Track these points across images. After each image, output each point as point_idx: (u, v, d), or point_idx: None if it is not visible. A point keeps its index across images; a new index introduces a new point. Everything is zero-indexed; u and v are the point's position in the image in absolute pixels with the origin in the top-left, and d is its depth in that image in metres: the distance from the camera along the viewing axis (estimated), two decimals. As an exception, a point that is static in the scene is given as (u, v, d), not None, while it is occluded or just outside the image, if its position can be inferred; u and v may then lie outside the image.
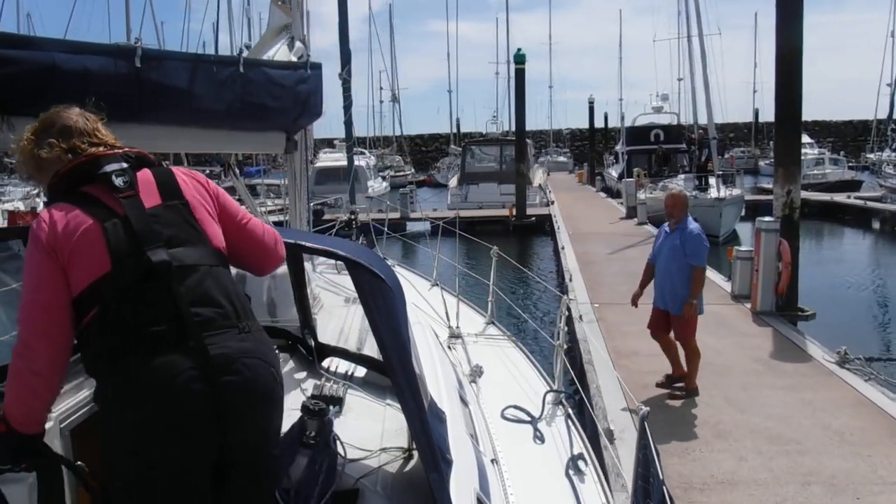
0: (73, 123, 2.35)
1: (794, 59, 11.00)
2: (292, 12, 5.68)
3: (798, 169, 11.58)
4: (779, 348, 9.19)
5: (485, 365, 5.34)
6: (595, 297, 12.36)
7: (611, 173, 42.27)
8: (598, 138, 58.84)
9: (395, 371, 2.48)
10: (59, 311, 2.12)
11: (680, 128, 36.69)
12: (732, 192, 23.41)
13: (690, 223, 7.35)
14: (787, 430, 6.60)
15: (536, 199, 32.52)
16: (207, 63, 4.00)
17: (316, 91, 5.11)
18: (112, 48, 3.53)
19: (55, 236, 2.13)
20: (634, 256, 16.45)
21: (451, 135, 74.12)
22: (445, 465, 2.53)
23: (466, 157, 36.82)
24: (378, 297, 2.56)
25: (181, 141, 4.31)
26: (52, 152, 2.28)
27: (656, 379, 7.86)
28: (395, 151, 68.47)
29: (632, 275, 13.94)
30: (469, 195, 33.19)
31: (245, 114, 4.30)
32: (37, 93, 3.02)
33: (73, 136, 2.32)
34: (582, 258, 16.60)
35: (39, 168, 2.31)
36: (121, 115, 3.41)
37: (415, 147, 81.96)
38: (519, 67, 29.02)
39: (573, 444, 4.31)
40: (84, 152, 2.30)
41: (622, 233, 21.24)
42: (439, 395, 3.09)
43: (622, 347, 9.25)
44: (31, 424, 2.20)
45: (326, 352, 3.94)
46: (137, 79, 3.49)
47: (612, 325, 10.44)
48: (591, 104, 52.25)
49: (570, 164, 66.89)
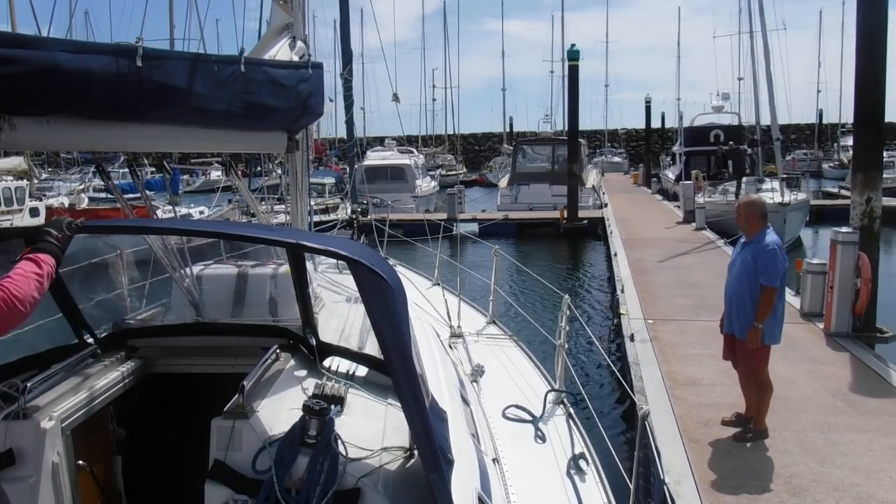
0: None
1: (876, 42, 9.80)
2: (294, 12, 5.70)
3: (879, 174, 10.22)
4: (859, 378, 7.96)
5: (486, 364, 5.39)
6: (648, 311, 11.20)
7: (667, 175, 40.48)
8: (654, 139, 57.20)
9: (397, 370, 2.50)
10: None
11: (741, 128, 35.04)
12: (797, 196, 22.02)
13: (768, 235, 6.22)
14: (879, 488, 5.49)
15: (589, 201, 31.33)
16: (208, 62, 4.00)
17: (317, 90, 5.10)
18: (113, 48, 3.50)
19: None
20: (691, 265, 15.47)
21: (503, 133, 73.05)
22: (447, 465, 2.57)
23: (518, 156, 35.32)
24: (379, 296, 2.57)
25: (182, 140, 4.36)
26: None
27: (716, 414, 6.81)
28: (447, 150, 67.87)
29: (688, 286, 13.12)
30: (519, 196, 31.83)
31: (246, 113, 4.29)
32: (38, 92, 3.06)
33: None
34: (635, 266, 15.24)
35: None
36: (122, 114, 3.55)
37: (468, 146, 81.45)
38: (572, 64, 27.87)
39: (574, 444, 4.34)
40: None
41: (678, 238, 19.82)
42: (440, 395, 3.13)
43: (679, 374, 8.10)
44: None
45: (328, 351, 3.93)
46: (139, 78, 3.48)
47: (668, 345, 9.27)
48: (647, 103, 50.35)
49: (625, 165, 64.78)
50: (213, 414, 2.90)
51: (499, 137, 74.24)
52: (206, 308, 4.55)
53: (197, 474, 2.87)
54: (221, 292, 4.68)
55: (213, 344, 3.94)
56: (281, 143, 5.16)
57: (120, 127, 3.62)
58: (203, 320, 4.41)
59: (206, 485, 2.74)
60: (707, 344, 9.01)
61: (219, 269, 4.96)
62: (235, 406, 2.90)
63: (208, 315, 4.49)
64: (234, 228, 4.22)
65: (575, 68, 27.64)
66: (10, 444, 2.80)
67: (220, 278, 4.80)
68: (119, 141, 3.88)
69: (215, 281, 4.77)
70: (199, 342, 3.95)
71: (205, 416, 2.92)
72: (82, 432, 3.16)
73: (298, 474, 2.65)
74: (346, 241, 3.69)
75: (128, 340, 3.89)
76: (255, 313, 4.54)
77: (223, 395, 2.99)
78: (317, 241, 2.81)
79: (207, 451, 2.83)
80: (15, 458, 2.79)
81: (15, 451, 2.80)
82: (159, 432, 3.82)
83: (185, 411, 3.57)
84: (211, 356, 3.88)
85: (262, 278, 4.74)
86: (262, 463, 2.71)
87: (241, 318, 4.50)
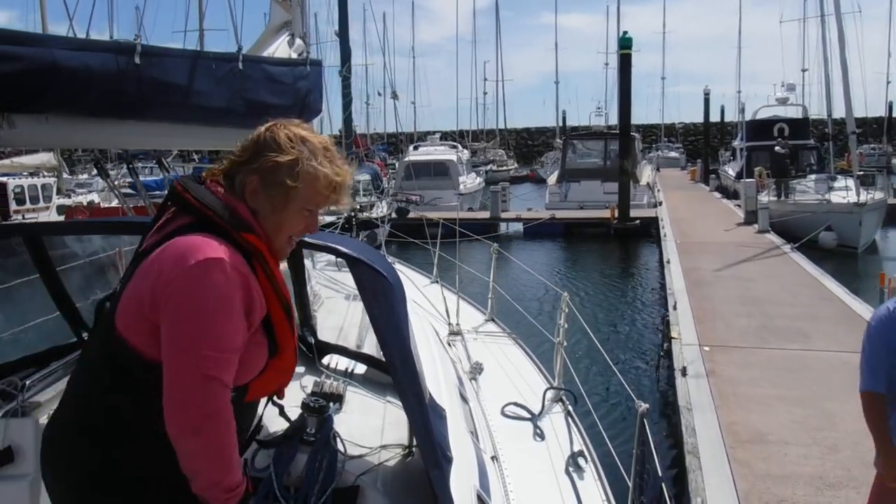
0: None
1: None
2: (292, 9, 5.66)
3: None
4: None
5: (485, 362, 5.35)
6: (705, 334, 9.53)
7: (727, 171, 38.14)
8: (713, 133, 54.26)
9: (396, 368, 2.49)
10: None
11: (808, 122, 32.65)
12: (874, 195, 20.01)
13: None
14: None
15: (644, 199, 29.06)
16: (206, 59, 4.01)
17: (316, 88, 5.10)
18: (112, 45, 3.56)
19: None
20: (753, 275, 13.70)
21: (556, 128, 71.17)
22: (446, 463, 2.54)
23: (568, 151, 32.99)
24: (379, 293, 2.58)
25: (180, 138, 4.44)
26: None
27: (794, 491, 5.14)
28: (498, 145, 66.45)
29: (751, 302, 11.26)
30: (569, 194, 29.78)
31: (244, 110, 4.27)
32: (38, 90, 3.08)
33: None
34: (690, 275, 13.62)
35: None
36: (121, 112, 3.55)
37: (521, 141, 79.74)
38: (624, 53, 25.49)
39: (573, 441, 4.32)
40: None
41: (739, 242, 17.83)
42: (439, 392, 3.10)
43: (741, 425, 6.39)
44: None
45: (326, 349, 3.96)
46: (137, 75, 3.49)
47: (727, 382, 7.60)
48: (706, 95, 47.25)
49: (682, 161, 61.48)
50: None
51: (553, 132, 72.37)
52: None
53: None
54: None
55: None
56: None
57: (118, 124, 3.62)
58: None
59: None
60: (774, 381, 7.61)
61: None
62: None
63: None
64: None
65: (627, 57, 25.46)
66: (8, 442, 2.86)
67: None
68: (117, 138, 3.86)
69: None
70: None
71: None
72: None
73: (297, 472, 2.65)
74: (345, 238, 3.58)
75: None
76: None
77: None
78: (316, 238, 2.77)
79: None
80: (14, 456, 2.84)
81: (14, 449, 2.85)
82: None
83: None
84: None
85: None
86: (261, 461, 2.69)
87: None
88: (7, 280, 6.53)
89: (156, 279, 1.87)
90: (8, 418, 2.91)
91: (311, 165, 2.03)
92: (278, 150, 2.02)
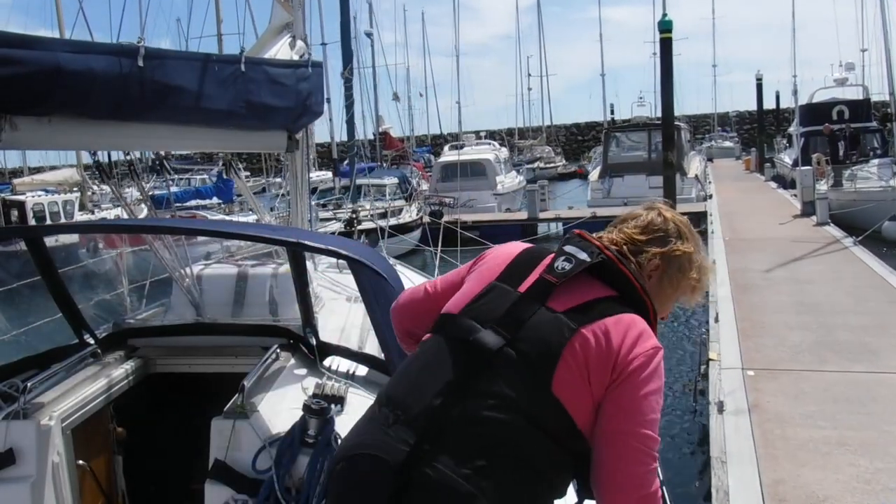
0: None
1: None
2: (294, 11, 5.73)
3: None
4: None
5: None
6: (750, 354, 7.71)
7: (783, 159, 35.46)
8: (769, 120, 51.61)
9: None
10: None
11: (869, 102, 30.41)
12: None
13: None
14: None
15: (692, 192, 27.18)
16: (209, 62, 4.03)
17: (317, 89, 5.14)
18: (115, 48, 3.55)
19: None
20: (810, 276, 11.71)
21: (605, 122, 69.53)
22: None
23: (610, 145, 30.86)
24: (380, 295, 2.64)
25: (183, 140, 4.49)
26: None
27: None
28: (545, 141, 65.12)
29: (806, 309, 9.40)
30: (612, 189, 27.62)
31: (246, 112, 4.32)
32: (41, 93, 3.11)
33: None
34: (737, 278, 11.70)
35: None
36: (123, 114, 3.63)
37: (570, 136, 78.37)
38: (665, 36, 24.07)
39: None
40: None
41: (795, 237, 15.62)
42: None
43: (790, 484, 4.79)
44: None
45: (328, 350, 3.94)
46: (140, 78, 3.50)
47: (774, 420, 5.89)
48: (759, 80, 44.60)
49: (736, 150, 58.76)
50: (213, 414, 2.94)
51: (602, 127, 70.92)
52: (206, 308, 4.52)
53: (197, 474, 2.95)
54: (221, 292, 4.64)
55: (214, 343, 3.96)
56: (281, 143, 5.21)
57: (121, 127, 3.66)
58: (203, 320, 4.38)
59: (207, 484, 2.80)
60: (835, 418, 5.87)
61: (219, 269, 4.92)
62: (235, 406, 2.93)
63: (208, 315, 4.45)
64: (235, 228, 4.49)
65: (668, 41, 23.82)
66: (10, 444, 2.86)
67: (220, 278, 4.75)
68: (120, 141, 3.89)
69: (215, 280, 4.73)
70: (200, 342, 3.98)
71: (205, 416, 2.97)
72: (82, 432, 3.25)
73: (299, 474, 2.68)
74: (347, 240, 3.60)
75: (128, 340, 3.92)
76: (255, 313, 4.49)
77: (223, 395, 3.03)
78: (317, 241, 2.83)
79: (207, 450, 2.87)
80: (15, 458, 2.84)
81: (15, 451, 2.85)
82: (159, 432, 3.83)
83: (185, 411, 3.63)
84: (211, 356, 3.90)
85: (263, 278, 4.69)
86: (263, 462, 2.73)
87: (241, 317, 4.46)
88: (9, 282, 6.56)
89: (612, 355, 1.82)
90: (9, 420, 2.93)
91: (700, 257, 2.12)
92: (680, 238, 2.10)
